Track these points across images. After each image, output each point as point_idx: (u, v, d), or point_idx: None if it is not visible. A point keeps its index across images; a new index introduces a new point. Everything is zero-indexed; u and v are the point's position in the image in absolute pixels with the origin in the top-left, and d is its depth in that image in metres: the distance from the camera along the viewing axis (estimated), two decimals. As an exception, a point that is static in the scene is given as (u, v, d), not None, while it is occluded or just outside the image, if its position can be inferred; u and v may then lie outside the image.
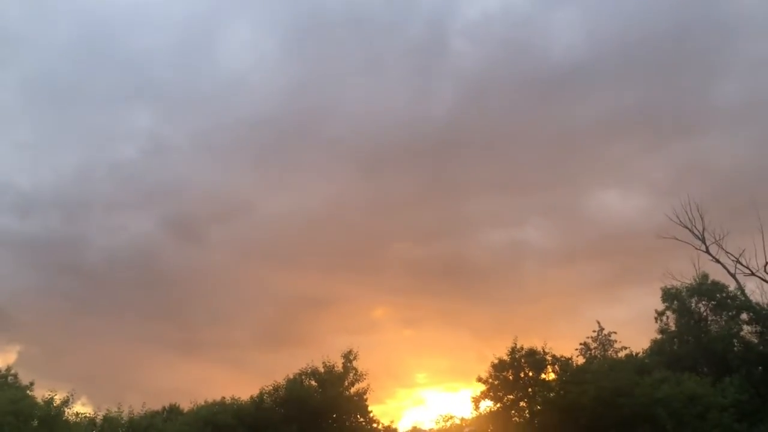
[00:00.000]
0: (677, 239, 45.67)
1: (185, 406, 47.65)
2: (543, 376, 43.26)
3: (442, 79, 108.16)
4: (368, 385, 45.90)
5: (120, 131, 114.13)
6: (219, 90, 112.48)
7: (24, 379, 46.32)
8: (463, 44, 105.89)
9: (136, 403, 44.06)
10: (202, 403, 45.56)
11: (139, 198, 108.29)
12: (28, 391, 43.00)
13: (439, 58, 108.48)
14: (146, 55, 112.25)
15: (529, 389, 42.93)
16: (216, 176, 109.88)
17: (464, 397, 48.97)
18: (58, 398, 39.91)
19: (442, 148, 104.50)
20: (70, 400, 40.89)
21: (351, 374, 45.81)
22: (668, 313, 48.97)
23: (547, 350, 43.52)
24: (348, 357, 46.28)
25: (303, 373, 45.50)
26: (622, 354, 46.31)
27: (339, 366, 46.00)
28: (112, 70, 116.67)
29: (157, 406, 47.45)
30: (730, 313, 46.60)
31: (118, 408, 43.11)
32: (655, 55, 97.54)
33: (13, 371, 47.64)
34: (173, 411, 47.85)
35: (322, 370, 45.70)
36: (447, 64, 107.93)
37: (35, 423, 36.48)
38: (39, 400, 39.52)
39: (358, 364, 46.08)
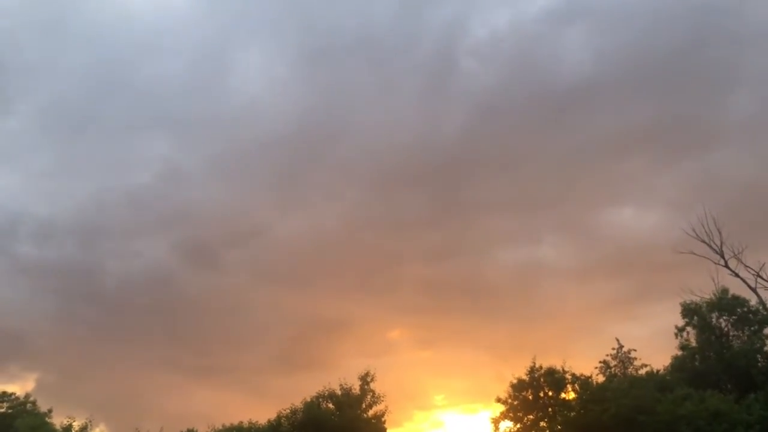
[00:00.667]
0: (695, 254, 44.87)
1: (202, 430, 48.16)
2: (563, 395, 43.19)
3: (452, 98, 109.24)
4: (386, 407, 45.93)
5: (135, 158, 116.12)
6: (232, 114, 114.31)
7: (43, 406, 47.25)
8: (472, 63, 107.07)
9: (153, 428, 45.34)
10: (220, 428, 46.21)
11: (154, 224, 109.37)
12: (47, 418, 43.57)
13: (449, 77, 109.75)
14: (160, 82, 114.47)
15: (549, 409, 42.75)
16: (229, 199, 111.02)
17: (483, 419, 50.06)
18: (76, 425, 40.71)
19: (454, 167, 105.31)
20: (89, 426, 42.56)
21: (368, 396, 45.71)
22: (688, 328, 48.27)
23: (566, 369, 43.72)
24: (365, 379, 46.29)
25: (320, 396, 45.47)
26: (642, 371, 45.96)
27: (356, 388, 45.96)
28: (127, 98, 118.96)
29: (174, 431, 48.29)
30: (752, 328, 45.91)
31: (137, 433, 43.18)
32: (666, 70, 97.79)
33: (32, 398, 47.94)
34: None
35: (339, 392, 45.60)
36: (457, 83, 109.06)
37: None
38: (58, 426, 40.30)
39: (376, 386, 46.27)
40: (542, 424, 42.80)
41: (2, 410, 46.61)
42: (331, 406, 45.16)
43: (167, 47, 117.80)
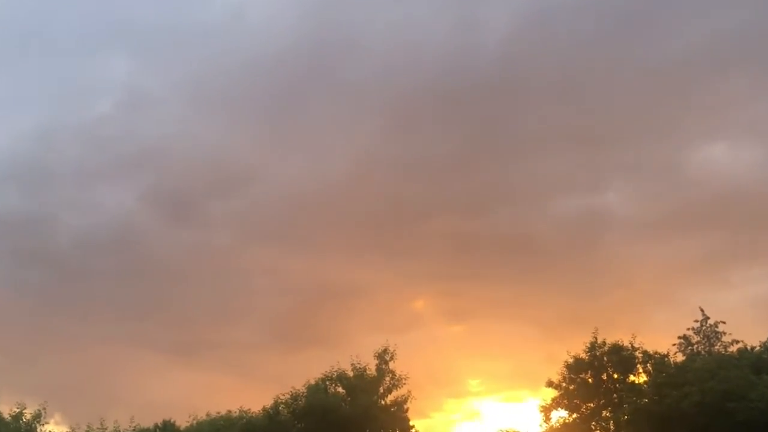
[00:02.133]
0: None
1: (183, 421, 48.57)
2: (632, 377, 44.08)
3: (493, 1, 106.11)
4: (409, 392, 46.21)
5: (91, 82, 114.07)
6: (212, 29, 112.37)
7: (-16, 392, 46.85)
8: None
9: (122, 419, 45.36)
10: (204, 418, 47.29)
11: (117, 167, 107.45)
12: (-9, 406, 44.06)
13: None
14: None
15: (614, 395, 43.79)
16: (211, 136, 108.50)
17: (531, 408, 50.01)
18: (28, 413, 41.47)
19: (495, 93, 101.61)
20: (42, 415, 42.59)
21: (387, 379, 46.15)
22: (794, 296, 47.89)
23: (636, 345, 44.41)
24: (383, 357, 46.47)
25: (327, 378, 46.08)
26: (733, 349, 45.15)
27: (372, 369, 46.40)
28: (79, 6, 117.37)
29: (148, 423, 48.11)
30: None
31: (101, 425, 44.29)
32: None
33: (-29, 383, 48.31)
34: (168, 428, 48.63)
35: (350, 373, 46.10)
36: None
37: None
38: (6, 415, 40.95)
39: (396, 367, 46.46)
40: (605, 413, 43.74)
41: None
42: (340, 390, 45.73)
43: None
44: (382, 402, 45.54)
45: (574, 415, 44.21)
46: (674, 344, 46.85)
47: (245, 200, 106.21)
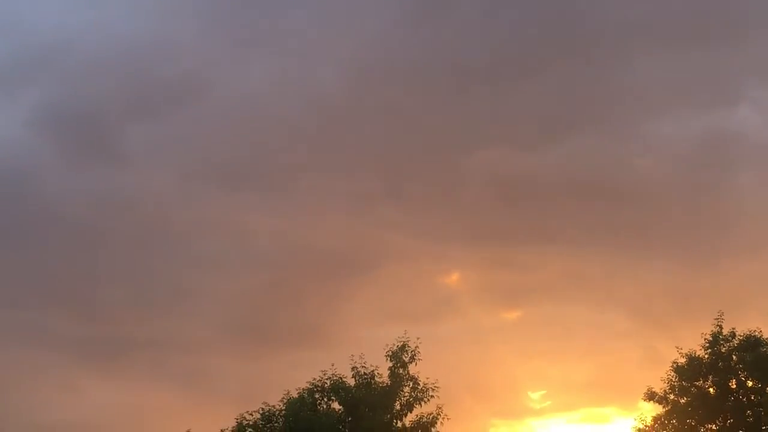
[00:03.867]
0: None
1: None
2: None
3: None
4: (439, 409, 37.38)
5: None
6: None
7: None
8: None
9: None
10: None
11: None
12: None
13: None
14: None
15: (748, 411, 37.38)
16: (135, 26, 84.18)
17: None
18: None
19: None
20: None
21: (406, 390, 37.36)
22: None
23: None
24: (399, 358, 37.64)
25: (317, 389, 37.64)
26: None
27: (383, 375, 37.81)
28: None
29: None
30: None
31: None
32: None
33: None
34: None
35: (351, 382, 37.80)
36: None
37: None
38: None
39: (419, 372, 38.13)
40: None
41: None
42: (336, 406, 37.42)
43: None
44: (399, 423, 36.91)
45: (688, 441, 38.17)
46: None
47: (185, 124, 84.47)
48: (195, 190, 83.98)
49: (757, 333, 37.30)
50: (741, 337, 37.57)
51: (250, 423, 37.24)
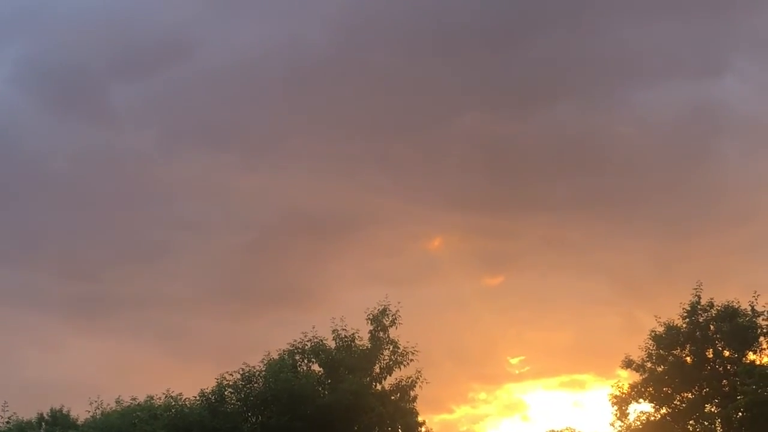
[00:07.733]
0: None
1: (81, 410, 42.63)
2: (751, 356, 38.48)
3: None
4: (418, 373, 38.56)
5: None
6: None
7: None
8: None
9: None
10: (112, 407, 40.50)
11: None
12: None
13: None
14: None
15: (724, 381, 38.07)
16: None
17: (598, 399, 45.56)
18: None
19: None
20: None
21: (386, 353, 38.59)
22: None
23: (759, 309, 38.12)
24: (380, 321, 38.63)
25: (297, 351, 38.73)
26: None
27: (364, 338, 38.87)
28: None
29: (29, 412, 43.79)
30: None
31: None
32: None
33: None
34: (59, 420, 44.10)
35: (332, 344, 38.75)
36: None
37: None
38: None
39: (400, 336, 38.85)
40: (709, 407, 38.36)
41: None
42: (316, 368, 38.60)
43: None
44: (378, 386, 38.31)
45: (663, 410, 38.57)
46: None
47: (170, 82, 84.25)
48: (178, 148, 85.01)
49: (734, 303, 38.03)
50: (719, 308, 38.23)
51: (229, 384, 37.63)
